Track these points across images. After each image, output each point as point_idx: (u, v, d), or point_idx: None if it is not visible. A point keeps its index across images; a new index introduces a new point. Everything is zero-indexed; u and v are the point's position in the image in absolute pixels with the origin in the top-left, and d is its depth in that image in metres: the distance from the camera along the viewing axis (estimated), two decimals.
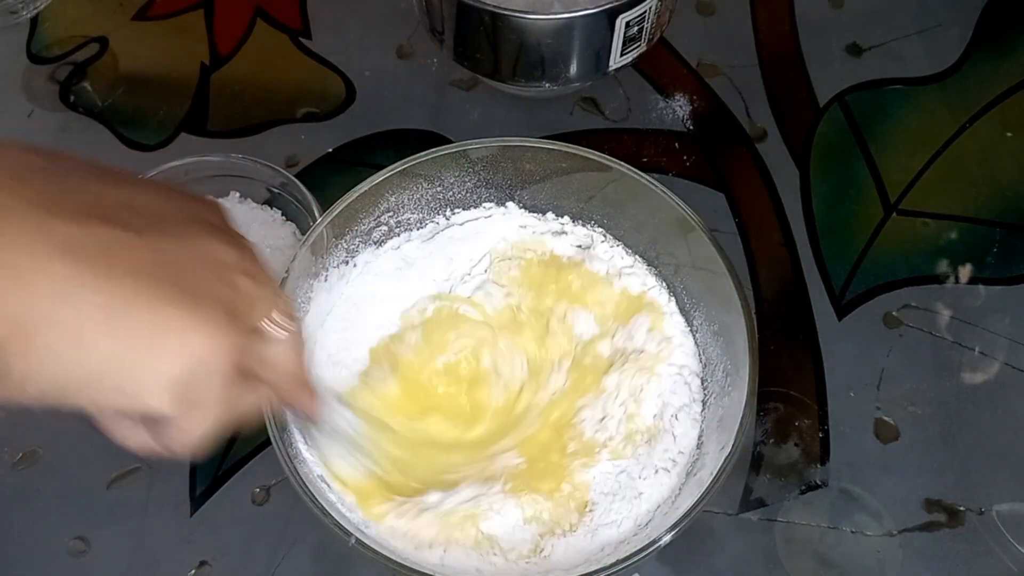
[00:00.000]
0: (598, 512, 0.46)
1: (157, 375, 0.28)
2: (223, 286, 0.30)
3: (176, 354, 0.28)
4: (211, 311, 0.29)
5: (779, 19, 0.70)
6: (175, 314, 0.28)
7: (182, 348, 0.28)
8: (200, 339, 0.29)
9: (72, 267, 0.26)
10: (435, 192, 0.53)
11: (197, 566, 0.50)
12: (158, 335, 0.28)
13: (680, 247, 0.50)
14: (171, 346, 0.28)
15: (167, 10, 0.71)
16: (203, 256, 0.30)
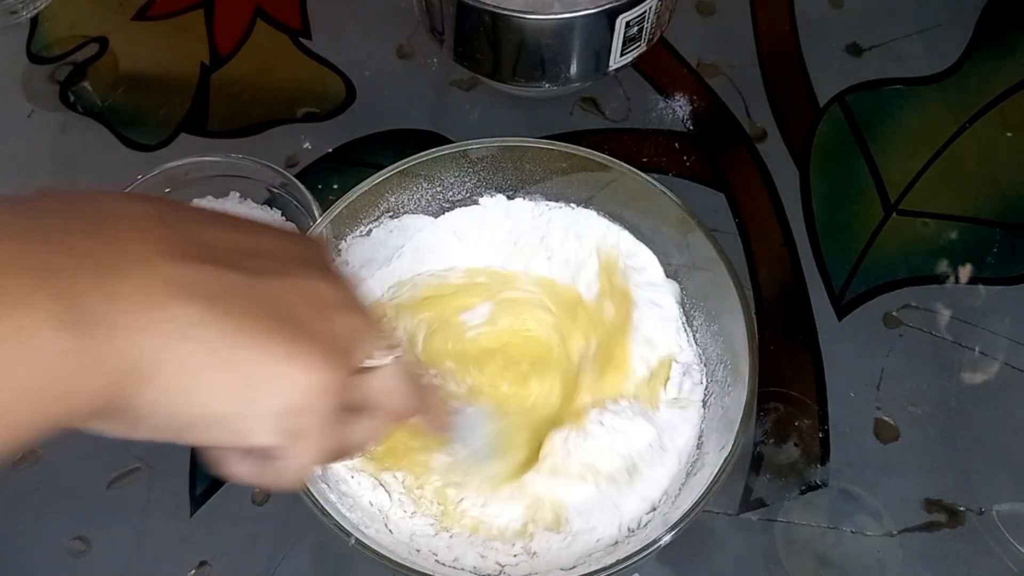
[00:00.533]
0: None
1: (263, 411, 0.29)
2: (326, 323, 0.31)
3: (278, 388, 0.29)
4: (316, 344, 0.30)
5: (779, 19, 0.70)
6: (278, 349, 0.29)
7: (287, 381, 0.29)
8: (302, 374, 0.29)
9: (190, 309, 0.27)
10: (435, 192, 0.53)
11: (197, 566, 0.50)
12: (266, 372, 0.29)
13: (680, 247, 0.50)
14: (277, 381, 0.29)
15: (167, 10, 0.71)
16: (307, 294, 0.31)
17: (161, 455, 0.53)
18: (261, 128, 0.65)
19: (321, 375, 0.30)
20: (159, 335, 0.27)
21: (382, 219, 0.52)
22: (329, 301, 0.32)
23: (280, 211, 0.59)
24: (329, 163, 0.63)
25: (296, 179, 0.58)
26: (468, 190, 0.53)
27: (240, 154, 0.59)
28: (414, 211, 0.53)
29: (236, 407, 0.29)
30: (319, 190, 0.61)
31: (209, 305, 0.27)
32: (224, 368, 0.28)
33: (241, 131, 0.65)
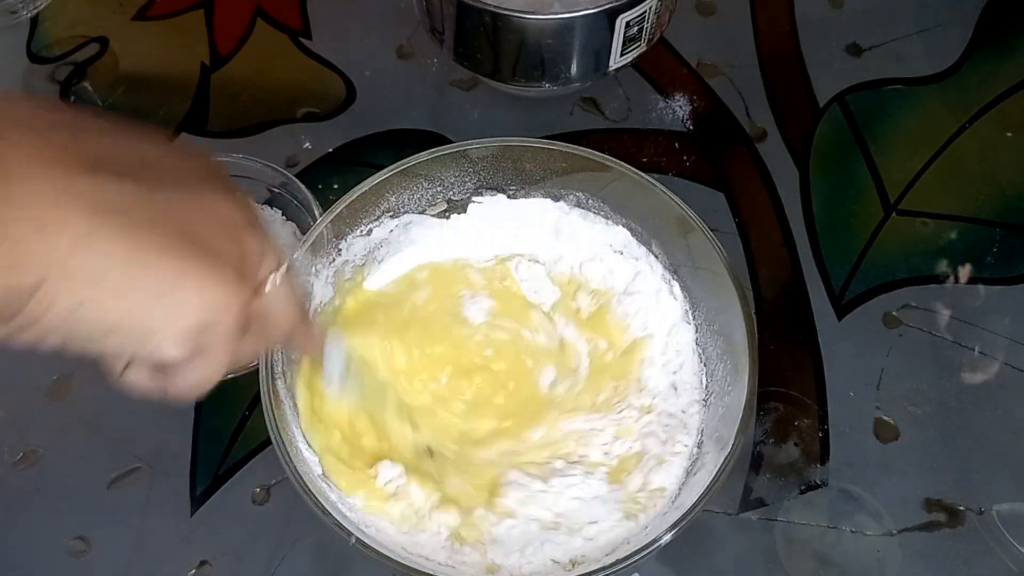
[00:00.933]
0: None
1: (172, 324, 0.30)
2: (233, 243, 0.32)
3: (192, 305, 0.30)
4: (223, 267, 0.31)
5: (779, 19, 0.70)
6: (192, 267, 0.29)
7: (197, 300, 0.30)
8: (214, 292, 0.30)
9: (93, 220, 0.27)
10: (435, 192, 0.53)
11: (197, 566, 0.50)
12: (175, 287, 0.29)
13: (680, 247, 0.50)
14: (187, 298, 0.30)
15: (167, 10, 0.71)
16: (214, 213, 0.31)
17: (161, 455, 0.53)
18: (261, 128, 0.65)
19: (230, 293, 0.31)
20: (61, 247, 0.27)
21: (382, 219, 0.52)
22: (233, 220, 0.32)
23: (280, 211, 0.59)
24: (329, 163, 0.63)
25: (296, 179, 0.58)
26: (468, 190, 0.53)
27: (240, 154, 0.59)
28: (414, 211, 0.53)
29: (141, 318, 0.29)
30: (319, 190, 0.61)
31: (110, 217, 0.28)
32: (127, 280, 0.28)
33: (241, 131, 0.65)
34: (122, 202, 0.28)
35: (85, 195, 0.27)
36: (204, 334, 0.31)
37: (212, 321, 0.31)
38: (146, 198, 0.29)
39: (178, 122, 0.65)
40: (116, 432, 0.54)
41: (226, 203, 0.32)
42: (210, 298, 0.30)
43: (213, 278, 0.30)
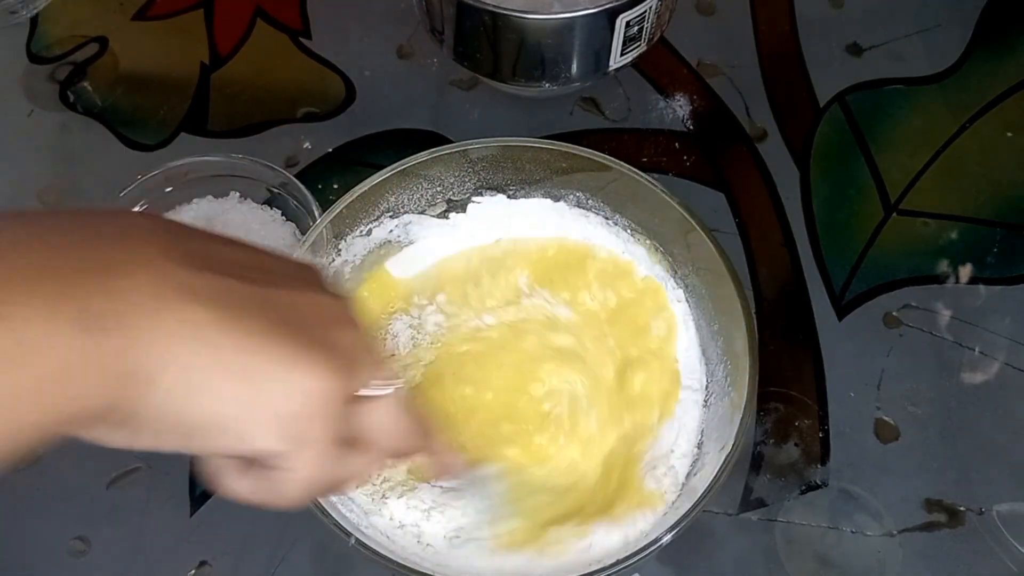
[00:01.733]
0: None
1: (268, 414, 0.29)
2: (330, 335, 0.31)
3: (287, 392, 0.29)
4: (321, 353, 0.30)
5: (779, 19, 0.70)
6: (293, 352, 0.29)
7: (293, 385, 0.29)
8: (310, 377, 0.30)
9: (196, 311, 0.27)
10: (435, 191, 0.53)
11: (197, 566, 0.50)
12: (278, 370, 0.29)
13: (680, 247, 0.50)
14: (283, 384, 0.29)
15: (167, 10, 0.71)
16: (315, 306, 0.32)
17: (161, 455, 0.53)
18: (261, 128, 0.65)
19: (326, 380, 0.30)
20: (165, 336, 0.27)
21: (382, 219, 0.52)
22: (333, 316, 0.32)
23: (280, 211, 0.59)
24: (329, 163, 0.63)
25: (296, 179, 0.58)
26: (468, 190, 0.53)
27: (240, 154, 0.59)
28: (414, 211, 0.53)
29: (240, 409, 0.29)
30: (319, 190, 0.61)
31: (215, 308, 0.28)
32: (229, 370, 0.28)
33: (241, 131, 0.65)
34: (231, 294, 0.29)
35: (197, 288, 0.28)
36: (300, 423, 0.30)
37: (306, 408, 0.30)
38: (253, 291, 0.29)
39: (178, 122, 0.65)
40: None
41: (325, 299, 0.32)
42: (302, 383, 0.29)
43: (313, 363, 0.30)
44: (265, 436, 0.29)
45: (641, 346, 0.51)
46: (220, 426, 0.29)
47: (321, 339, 0.30)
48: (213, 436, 0.29)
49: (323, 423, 0.31)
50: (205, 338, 0.27)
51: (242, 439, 0.29)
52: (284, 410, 0.29)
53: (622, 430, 0.49)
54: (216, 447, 0.30)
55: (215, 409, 0.28)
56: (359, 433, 0.33)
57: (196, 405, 0.28)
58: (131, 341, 0.26)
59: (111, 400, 0.26)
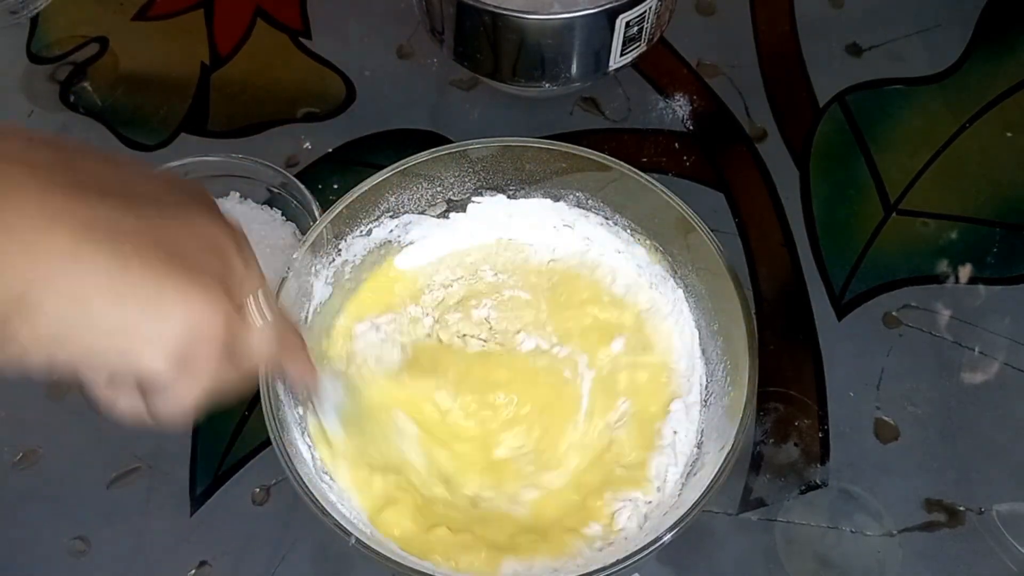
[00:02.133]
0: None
1: (156, 338, 0.30)
2: (217, 262, 0.32)
3: (175, 319, 0.30)
4: (207, 282, 0.31)
5: (779, 19, 0.70)
6: (175, 283, 0.30)
7: (180, 314, 0.30)
8: (197, 306, 0.31)
9: (78, 239, 0.28)
10: (435, 192, 0.53)
11: (197, 566, 0.50)
12: (158, 302, 0.30)
13: (680, 247, 0.50)
14: (170, 312, 0.30)
15: (167, 10, 0.71)
16: (199, 235, 0.32)
17: (161, 455, 0.53)
18: (261, 128, 0.65)
19: (210, 305, 0.31)
20: (47, 262, 0.27)
21: (382, 219, 0.52)
22: (217, 242, 0.33)
23: (280, 211, 0.59)
24: (329, 163, 0.63)
25: (296, 179, 0.58)
26: (468, 190, 0.53)
27: (240, 154, 0.59)
28: (414, 211, 0.53)
29: (124, 333, 0.29)
30: (319, 190, 0.61)
31: (94, 236, 0.28)
32: (110, 297, 0.29)
33: (241, 131, 0.65)
34: (106, 220, 0.29)
35: (70, 214, 0.28)
36: (188, 347, 0.31)
37: (195, 333, 0.31)
38: (130, 217, 0.30)
39: (178, 122, 0.65)
40: (116, 432, 0.54)
41: (211, 225, 0.33)
42: (193, 309, 0.30)
43: (196, 290, 0.30)
44: (151, 357, 0.30)
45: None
46: (98, 347, 0.29)
47: (203, 265, 0.31)
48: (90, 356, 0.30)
49: (208, 346, 0.31)
50: (88, 268, 0.28)
51: (127, 359, 0.30)
52: (171, 333, 0.30)
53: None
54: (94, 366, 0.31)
55: (99, 334, 0.29)
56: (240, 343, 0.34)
57: (80, 330, 0.29)
58: (12, 267, 0.27)
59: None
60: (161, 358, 0.30)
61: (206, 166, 0.59)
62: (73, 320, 0.28)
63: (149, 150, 0.64)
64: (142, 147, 0.64)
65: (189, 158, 0.59)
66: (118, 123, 0.65)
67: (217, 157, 0.59)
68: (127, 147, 0.64)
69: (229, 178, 0.59)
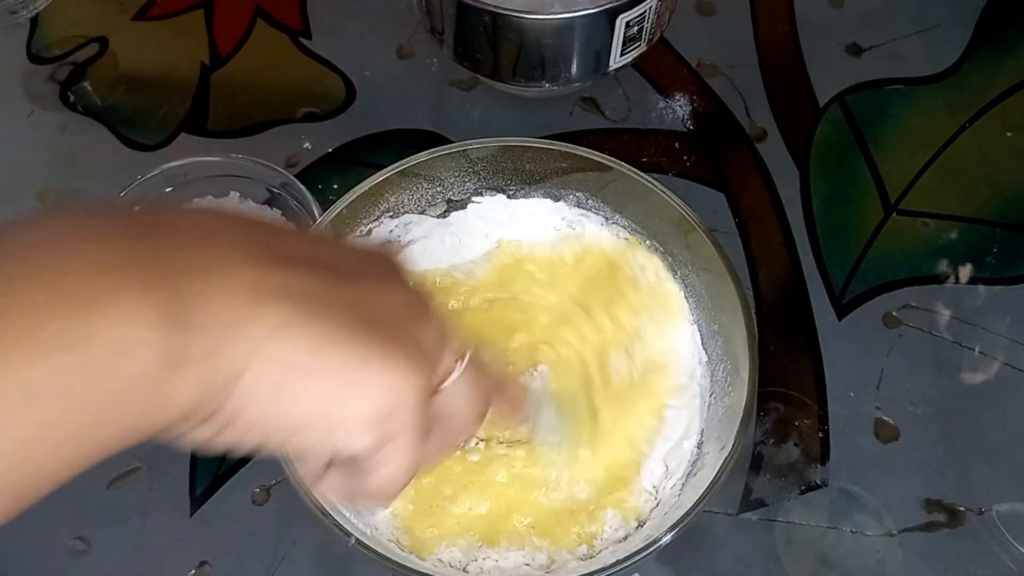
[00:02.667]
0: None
1: (353, 412, 0.29)
2: (412, 328, 0.31)
3: (376, 388, 0.29)
4: (402, 349, 0.30)
5: (779, 19, 0.70)
6: (376, 350, 0.29)
7: (381, 381, 0.29)
8: (398, 373, 0.30)
9: (286, 309, 0.27)
10: (435, 192, 0.53)
11: (197, 566, 0.50)
12: (361, 369, 0.29)
13: (680, 247, 0.50)
14: (372, 380, 0.29)
15: (167, 10, 0.71)
16: (395, 301, 0.31)
17: (161, 455, 0.53)
18: (261, 128, 0.65)
19: (411, 376, 0.30)
20: (248, 337, 0.26)
21: (382, 219, 0.52)
22: (410, 310, 0.32)
23: (280, 211, 0.59)
24: (329, 163, 0.63)
25: (296, 179, 0.58)
26: (468, 190, 0.53)
27: (240, 154, 0.59)
28: (414, 211, 0.53)
29: (326, 408, 0.29)
30: (319, 190, 0.61)
31: (295, 306, 0.28)
32: (313, 369, 0.28)
33: (241, 131, 0.65)
34: (312, 293, 0.28)
35: (278, 287, 0.27)
36: (388, 419, 0.30)
37: (394, 405, 0.30)
38: (333, 288, 0.29)
39: (178, 122, 0.65)
40: None
41: (402, 293, 0.32)
42: (394, 379, 0.29)
43: (396, 359, 0.29)
44: (352, 434, 0.29)
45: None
46: (306, 424, 0.29)
47: (402, 335, 0.30)
48: (299, 435, 0.29)
49: (408, 419, 0.30)
50: (289, 338, 0.27)
51: (329, 437, 0.29)
52: (370, 407, 0.29)
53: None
54: (302, 446, 0.30)
55: (300, 409, 0.28)
56: (442, 415, 0.33)
57: (279, 404, 0.28)
58: (218, 343, 0.26)
59: (203, 403, 0.26)
60: (361, 434, 0.30)
61: (206, 166, 0.59)
62: (283, 394, 0.28)
63: (149, 150, 0.64)
64: (142, 147, 0.64)
65: (189, 158, 0.59)
66: (118, 123, 0.65)
67: (217, 157, 0.59)
68: (127, 147, 0.64)
69: (229, 178, 0.59)
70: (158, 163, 0.58)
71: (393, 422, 0.30)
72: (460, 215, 0.54)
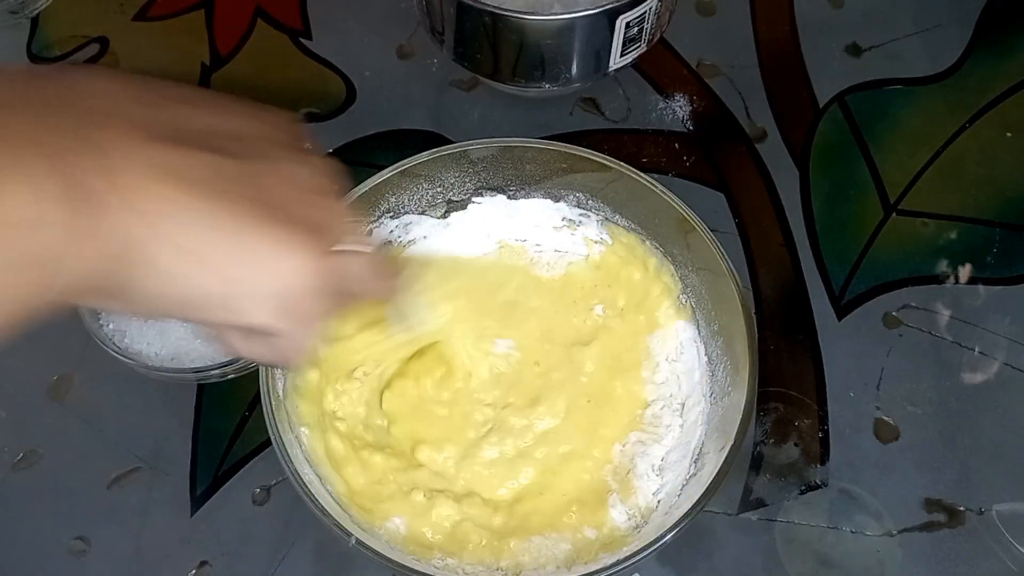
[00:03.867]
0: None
1: (257, 293, 0.31)
2: (307, 207, 0.32)
3: (272, 273, 0.31)
4: (301, 231, 0.31)
5: (779, 19, 0.70)
6: (268, 234, 0.30)
7: (277, 267, 0.31)
8: (294, 257, 0.31)
9: (179, 191, 0.28)
10: (435, 192, 0.53)
11: (197, 566, 0.50)
12: (254, 254, 0.30)
13: (680, 247, 0.50)
14: (268, 265, 0.31)
15: (167, 10, 0.71)
16: (287, 178, 0.32)
17: (161, 455, 0.53)
18: None
19: (306, 256, 0.31)
20: (146, 218, 0.28)
21: (382, 219, 0.52)
22: (308, 185, 0.33)
23: None
24: None
25: None
26: (468, 190, 0.53)
27: None
28: (414, 211, 0.53)
29: (226, 287, 0.30)
30: None
31: (192, 188, 0.29)
32: (205, 250, 0.29)
33: None
34: (207, 174, 0.29)
35: (175, 168, 0.28)
36: (289, 298, 0.31)
37: (294, 284, 0.31)
38: (226, 169, 0.30)
39: None
40: (116, 432, 0.54)
41: (300, 167, 0.33)
42: (289, 261, 0.31)
43: (290, 243, 0.31)
44: (255, 312, 0.31)
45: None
46: (212, 303, 0.30)
47: (299, 211, 0.32)
48: (204, 310, 0.30)
49: (308, 295, 0.32)
50: (183, 219, 0.28)
51: (233, 314, 0.31)
52: (271, 288, 0.31)
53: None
54: (210, 319, 0.31)
55: (206, 288, 0.30)
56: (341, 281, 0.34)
57: (179, 283, 0.29)
58: (121, 221, 0.27)
59: (103, 276, 0.27)
60: (264, 312, 0.31)
61: None
62: (180, 276, 0.29)
63: None
64: None
65: None
66: None
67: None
68: None
69: None
70: None
71: (293, 300, 0.31)
72: (460, 216, 0.54)
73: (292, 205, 0.32)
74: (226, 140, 0.31)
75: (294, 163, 0.33)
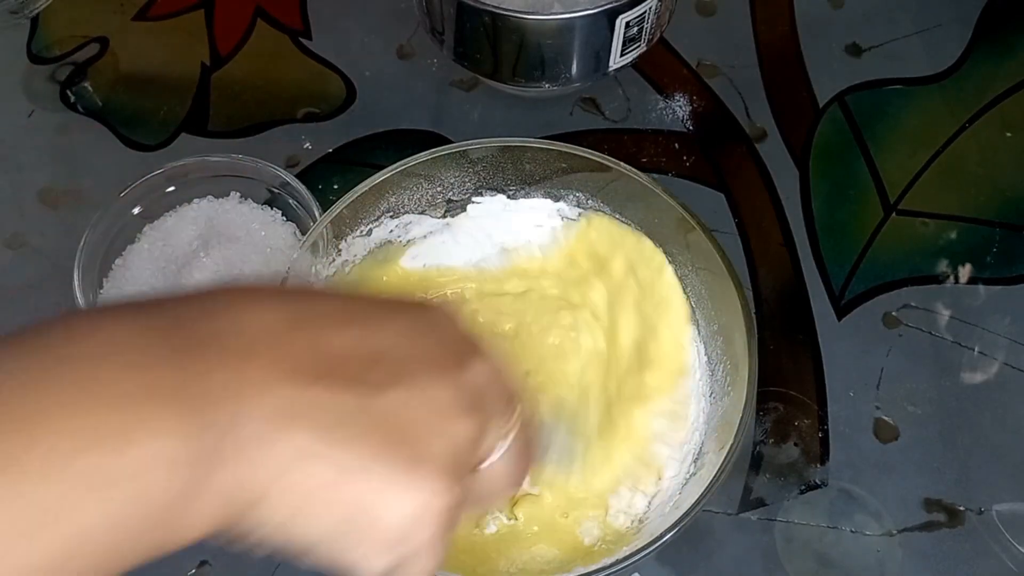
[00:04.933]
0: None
1: (372, 539, 0.29)
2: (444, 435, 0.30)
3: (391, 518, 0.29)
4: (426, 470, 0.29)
5: (779, 19, 0.70)
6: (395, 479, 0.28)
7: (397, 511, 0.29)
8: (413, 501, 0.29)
9: (309, 438, 0.27)
10: (435, 192, 0.53)
11: (197, 566, 0.50)
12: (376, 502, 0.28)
13: (680, 247, 0.50)
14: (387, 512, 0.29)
15: (167, 10, 0.71)
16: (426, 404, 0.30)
17: None
18: (261, 128, 0.65)
19: (433, 498, 0.29)
20: (271, 467, 0.27)
21: (382, 219, 0.52)
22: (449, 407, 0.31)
23: (280, 211, 0.59)
24: (329, 163, 0.63)
25: (296, 179, 0.58)
26: (468, 190, 0.53)
27: (240, 154, 0.59)
28: (414, 211, 0.53)
29: (342, 535, 0.29)
30: (319, 190, 0.61)
31: (321, 432, 0.27)
32: (331, 498, 0.28)
33: (241, 131, 0.65)
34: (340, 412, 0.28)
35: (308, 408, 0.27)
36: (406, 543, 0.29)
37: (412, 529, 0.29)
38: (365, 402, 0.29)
39: (178, 122, 0.65)
40: None
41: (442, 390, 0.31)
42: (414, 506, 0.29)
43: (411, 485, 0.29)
44: (366, 558, 0.29)
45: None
46: (323, 548, 0.29)
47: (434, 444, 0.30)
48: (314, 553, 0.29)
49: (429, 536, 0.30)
50: (311, 468, 0.27)
51: (344, 559, 0.29)
52: (384, 536, 0.29)
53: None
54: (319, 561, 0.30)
55: (315, 534, 0.28)
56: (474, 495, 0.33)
57: (297, 528, 0.28)
58: (245, 471, 0.26)
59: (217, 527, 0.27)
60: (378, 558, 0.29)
61: (206, 166, 0.59)
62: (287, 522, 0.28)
63: (149, 150, 0.64)
64: (142, 147, 0.64)
65: (189, 158, 0.59)
66: (118, 123, 0.65)
67: (217, 157, 0.59)
68: (127, 147, 0.64)
69: (229, 178, 0.59)
70: (158, 163, 0.58)
71: (410, 544, 0.29)
72: (460, 215, 0.54)
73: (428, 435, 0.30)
74: (368, 365, 0.29)
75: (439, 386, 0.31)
